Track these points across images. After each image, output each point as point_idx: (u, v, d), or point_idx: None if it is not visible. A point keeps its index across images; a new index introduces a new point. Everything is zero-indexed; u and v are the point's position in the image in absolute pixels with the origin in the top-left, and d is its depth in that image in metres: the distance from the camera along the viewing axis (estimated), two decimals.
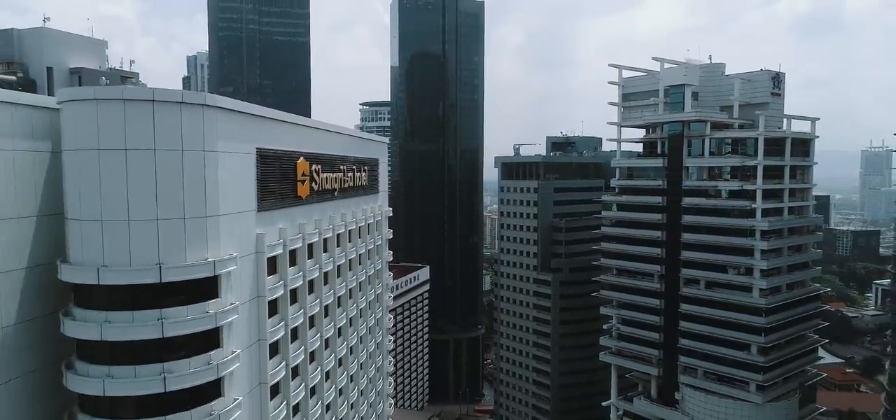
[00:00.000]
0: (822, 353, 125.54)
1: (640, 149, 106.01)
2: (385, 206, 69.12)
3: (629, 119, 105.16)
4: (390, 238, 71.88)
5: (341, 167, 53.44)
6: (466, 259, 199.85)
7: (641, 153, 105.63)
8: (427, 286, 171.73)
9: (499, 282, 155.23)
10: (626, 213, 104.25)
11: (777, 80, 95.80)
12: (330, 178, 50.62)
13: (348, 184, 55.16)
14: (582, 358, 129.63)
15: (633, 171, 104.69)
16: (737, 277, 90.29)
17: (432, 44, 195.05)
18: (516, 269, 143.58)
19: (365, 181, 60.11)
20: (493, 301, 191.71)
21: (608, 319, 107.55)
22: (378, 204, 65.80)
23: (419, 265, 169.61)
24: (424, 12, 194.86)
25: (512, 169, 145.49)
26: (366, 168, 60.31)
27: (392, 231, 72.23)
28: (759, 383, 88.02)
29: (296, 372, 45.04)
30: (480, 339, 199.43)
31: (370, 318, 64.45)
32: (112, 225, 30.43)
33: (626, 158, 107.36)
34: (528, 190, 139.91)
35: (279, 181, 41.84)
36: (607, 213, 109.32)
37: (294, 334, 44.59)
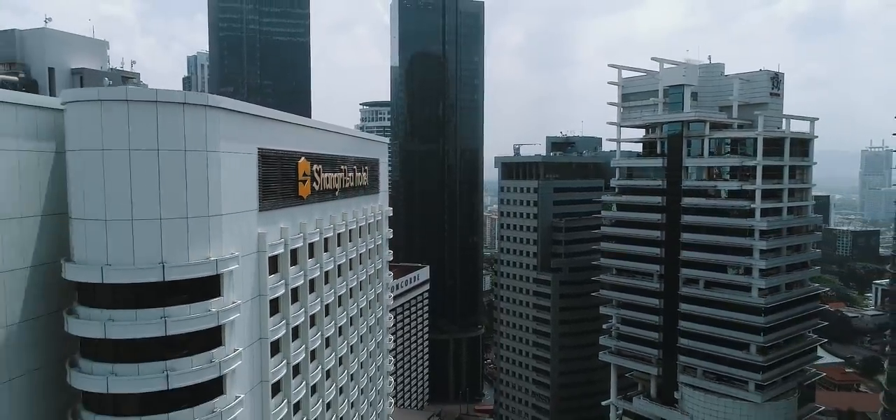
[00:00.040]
0: (821, 353, 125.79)
1: (639, 149, 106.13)
2: (385, 205, 69.44)
3: (629, 119, 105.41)
4: (390, 238, 72.19)
5: (342, 167, 53.77)
6: (466, 259, 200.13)
7: (641, 153, 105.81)
8: (427, 286, 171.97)
9: (499, 282, 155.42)
10: (625, 213, 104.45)
11: (776, 80, 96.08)
12: (331, 177, 50.97)
13: (349, 184, 55.50)
14: (582, 357, 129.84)
15: (632, 171, 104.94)
16: (736, 277, 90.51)
17: (432, 44, 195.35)
18: (516, 268, 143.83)
19: (365, 181, 60.44)
20: (493, 301, 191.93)
21: (608, 319, 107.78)
22: (378, 204, 66.12)
23: (419, 265, 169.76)
24: (424, 12, 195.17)
25: (512, 169, 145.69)
26: (366, 168, 60.64)
27: (392, 231, 72.53)
28: (758, 383, 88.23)
29: (297, 370, 45.40)
30: (480, 339, 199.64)
31: (370, 317, 64.75)
32: (116, 224, 30.79)
33: (626, 158, 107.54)
34: (527, 190, 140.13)
35: (280, 181, 42.17)
36: (607, 213, 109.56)
37: (295, 333, 44.97)
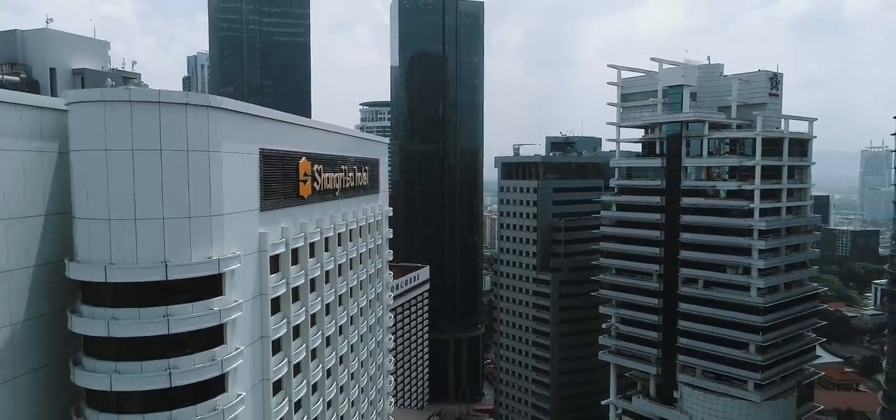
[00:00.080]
0: (821, 352, 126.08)
1: (639, 149, 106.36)
2: (385, 205, 69.74)
3: (628, 119, 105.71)
4: (390, 237, 72.48)
5: (342, 167, 54.08)
6: (466, 259, 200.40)
7: (640, 153, 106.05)
8: (427, 286, 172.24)
9: (498, 281, 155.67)
10: (625, 213, 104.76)
11: (775, 80, 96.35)
12: (331, 177, 51.28)
13: (349, 184, 55.81)
14: (581, 357, 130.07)
15: (631, 171, 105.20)
16: (735, 277, 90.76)
17: (432, 44, 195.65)
18: (516, 268, 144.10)
19: (366, 181, 60.75)
20: (493, 301, 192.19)
21: (607, 319, 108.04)
22: (378, 203, 66.43)
23: (419, 265, 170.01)
24: (424, 13, 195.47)
25: (511, 169, 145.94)
26: (366, 168, 60.95)
27: (392, 230, 72.83)
28: (756, 382, 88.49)
29: (297, 369, 45.72)
30: (480, 339, 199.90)
31: (371, 316, 65.06)
32: (119, 224, 31.11)
33: (625, 158, 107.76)
34: (527, 190, 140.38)
35: (281, 181, 42.49)
36: (606, 213, 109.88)
37: (296, 332, 45.28)
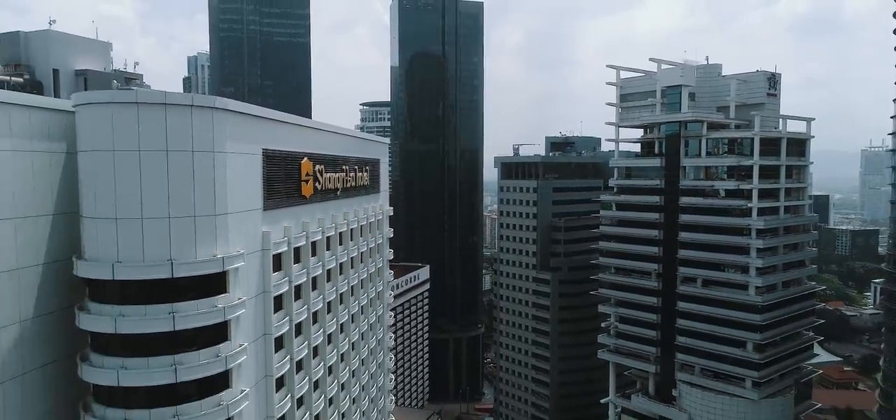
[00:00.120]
0: (821, 352, 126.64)
1: (638, 149, 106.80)
2: (386, 205, 70.35)
3: (627, 119, 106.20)
4: (391, 237, 73.09)
5: (343, 167, 54.71)
6: (466, 258, 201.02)
7: (639, 153, 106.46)
8: (427, 285, 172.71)
9: (498, 281, 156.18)
10: (624, 213, 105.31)
11: (773, 80, 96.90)
12: (333, 177, 51.91)
13: (350, 183, 56.43)
14: (581, 356, 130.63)
15: (631, 170, 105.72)
16: (733, 275, 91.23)
17: (432, 44, 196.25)
18: (516, 268, 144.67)
19: (366, 181, 61.36)
20: (493, 300, 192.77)
21: (606, 318, 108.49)
22: (379, 203, 67.03)
23: (419, 265, 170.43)
24: (424, 13, 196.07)
25: (511, 169, 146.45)
26: (367, 168, 61.56)
27: (393, 230, 73.44)
28: (755, 380, 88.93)
29: (300, 366, 46.35)
30: (480, 338, 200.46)
31: (371, 314, 65.66)
32: (126, 223, 31.73)
33: (625, 158, 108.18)
34: (527, 190, 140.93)
35: (284, 181, 43.14)
36: (606, 213, 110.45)
37: (298, 329, 45.92)
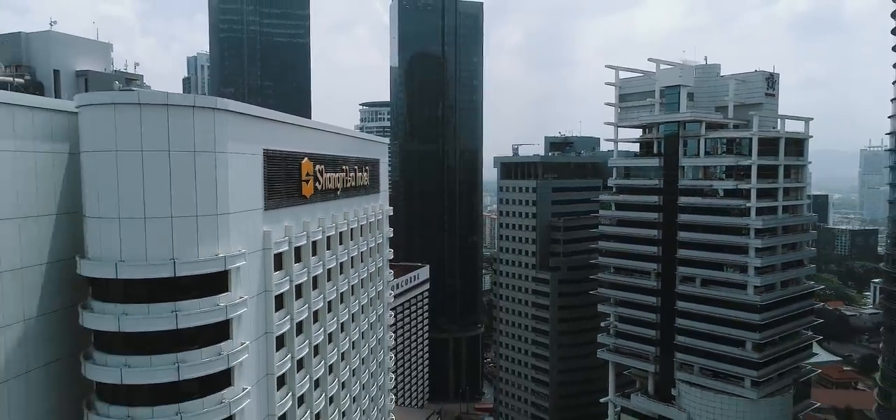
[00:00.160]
0: (820, 351, 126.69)
1: (637, 149, 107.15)
2: (386, 205, 70.67)
3: (626, 119, 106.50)
4: (391, 236, 73.42)
5: (343, 167, 55.04)
6: (466, 258, 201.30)
7: (638, 153, 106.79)
8: (427, 285, 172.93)
9: (498, 281, 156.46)
10: (623, 213, 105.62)
11: (771, 80, 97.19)
12: (333, 177, 52.25)
13: (350, 183, 56.76)
14: (580, 355, 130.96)
15: (629, 170, 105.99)
16: (732, 275, 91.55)
17: (432, 44, 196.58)
18: (515, 267, 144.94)
19: (366, 181, 61.69)
20: (493, 300, 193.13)
21: (606, 317, 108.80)
22: (379, 203, 67.35)
23: (419, 264, 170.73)
24: (424, 13, 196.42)
25: (511, 169, 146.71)
26: (367, 168, 61.89)
27: (392, 230, 73.77)
28: (753, 379, 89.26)
29: (301, 364, 46.68)
30: (480, 338, 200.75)
31: (372, 314, 65.98)
32: (129, 222, 32.06)
33: (624, 158, 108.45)
34: (526, 190, 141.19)
35: (285, 181, 43.49)
36: (605, 213, 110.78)
37: (299, 328, 46.26)
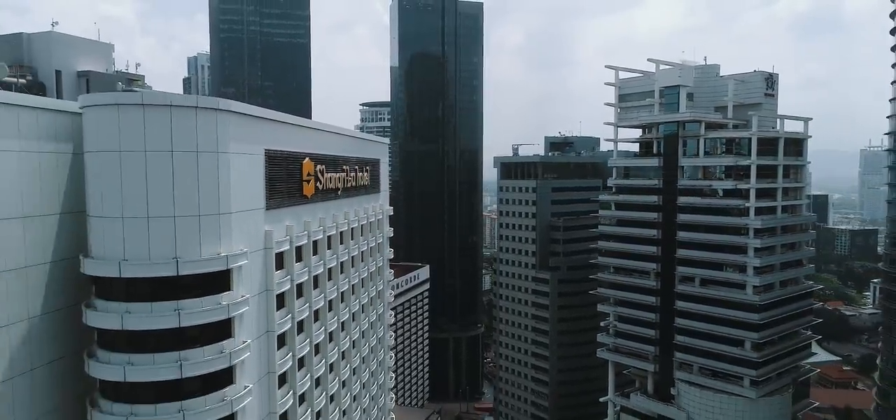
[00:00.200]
0: (820, 351, 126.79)
1: (636, 149, 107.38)
2: (386, 205, 71.00)
3: (626, 119, 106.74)
4: (391, 236, 73.74)
5: (344, 167, 55.37)
6: (466, 258, 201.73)
7: (638, 153, 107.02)
8: (427, 285, 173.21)
9: (498, 281, 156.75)
10: (622, 213, 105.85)
11: (770, 80, 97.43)
12: (333, 177, 52.58)
13: (351, 183, 57.09)
14: (580, 355, 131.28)
15: (629, 170, 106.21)
16: (731, 275, 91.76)
17: (432, 45, 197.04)
18: (515, 267, 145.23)
19: (367, 181, 62.01)
20: (493, 300, 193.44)
21: (605, 317, 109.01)
22: (379, 203, 67.67)
23: (419, 264, 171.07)
24: (424, 13, 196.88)
25: (510, 169, 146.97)
26: (367, 168, 62.22)
27: (393, 230, 74.09)
28: (752, 379, 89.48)
29: (302, 363, 47.01)
30: (480, 338, 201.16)
31: (372, 313, 66.31)
32: (132, 222, 32.41)
33: (623, 158, 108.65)
34: (526, 190, 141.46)
35: (286, 181, 43.84)
36: (604, 213, 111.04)
37: (300, 327, 46.59)
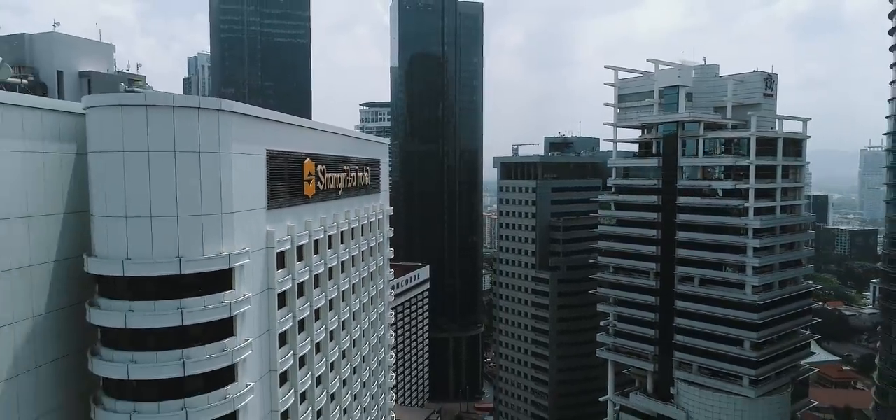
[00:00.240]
0: (820, 351, 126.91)
1: (636, 149, 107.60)
2: (386, 205, 71.34)
3: (625, 120, 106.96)
4: (391, 236, 74.07)
5: (345, 167, 55.71)
6: (466, 258, 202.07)
7: (637, 153, 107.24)
8: (427, 285, 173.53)
9: (498, 280, 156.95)
10: (622, 213, 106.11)
11: (769, 81, 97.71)
12: (334, 177, 52.93)
13: (351, 183, 57.43)
14: (580, 355, 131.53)
15: (629, 170, 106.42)
16: (730, 274, 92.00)
17: (432, 45, 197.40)
18: (515, 267, 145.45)
19: (367, 181, 62.35)
20: (493, 299, 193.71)
21: (605, 317, 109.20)
22: (379, 203, 68.01)
23: (419, 264, 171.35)
24: (424, 14, 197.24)
25: (510, 169, 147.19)
26: (368, 168, 62.55)
27: (393, 229, 74.40)
28: (751, 378, 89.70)
29: (303, 361, 47.37)
30: (480, 338, 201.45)
31: (372, 312, 66.64)
32: (135, 221, 32.77)
33: (623, 158, 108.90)
34: (526, 190, 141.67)
35: (287, 180, 44.20)
36: (604, 213, 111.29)
37: (301, 326, 46.93)
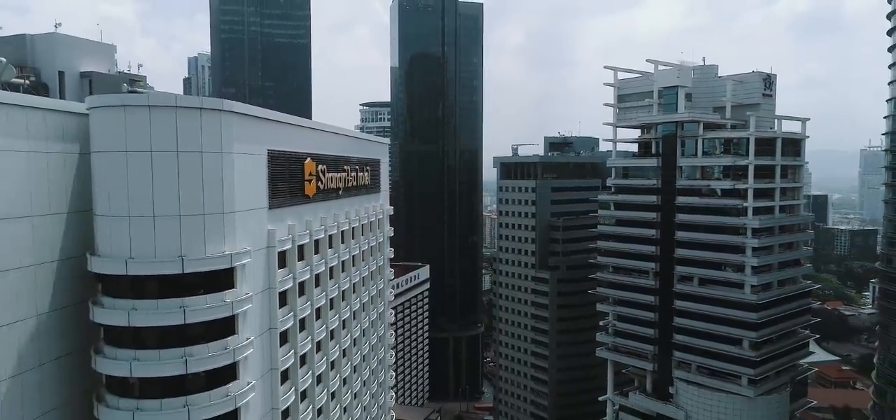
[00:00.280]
0: (819, 351, 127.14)
1: (635, 149, 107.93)
2: (386, 204, 71.66)
3: (625, 120, 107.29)
4: (391, 236, 74.40)
5: (345, 167, 56.04)
6: (466, 258, 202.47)
7: (637, 153, 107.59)
8: (427, 285, 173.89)
9: (498, 280, 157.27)
10: (621, 213, 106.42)
11: (768, 81, 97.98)
12: (335, 177, 53.27)
13: (352, 183, 57.75)
14: (579, 354, 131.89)
15: (628, 170, 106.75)
16: (729, 274, 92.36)
17: (432, 45, 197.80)
18: (515, 267, 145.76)
19: (367, 181, 62.67)
20: (493, 299, 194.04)
21: (604, 316, 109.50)
22: (379, 203, 68.32)
23: (419, 264, 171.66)
24: (424, 14, 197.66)
25: (510, 169, 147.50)
26: (368, 168, 62.88)
27: (393, 229, 74.72)
28: (750, 377, 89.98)
29: (303, 360, 47.69)
30: (480, 337, 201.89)
31: (372, 311, 66.96)
32: (138, 220, 33.10)
33: (622, 158, 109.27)
34: (526, 190, 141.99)
35: (288, 180, 44.55)
36: (604, 212, 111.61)
37: (302, 324, 47.26)
